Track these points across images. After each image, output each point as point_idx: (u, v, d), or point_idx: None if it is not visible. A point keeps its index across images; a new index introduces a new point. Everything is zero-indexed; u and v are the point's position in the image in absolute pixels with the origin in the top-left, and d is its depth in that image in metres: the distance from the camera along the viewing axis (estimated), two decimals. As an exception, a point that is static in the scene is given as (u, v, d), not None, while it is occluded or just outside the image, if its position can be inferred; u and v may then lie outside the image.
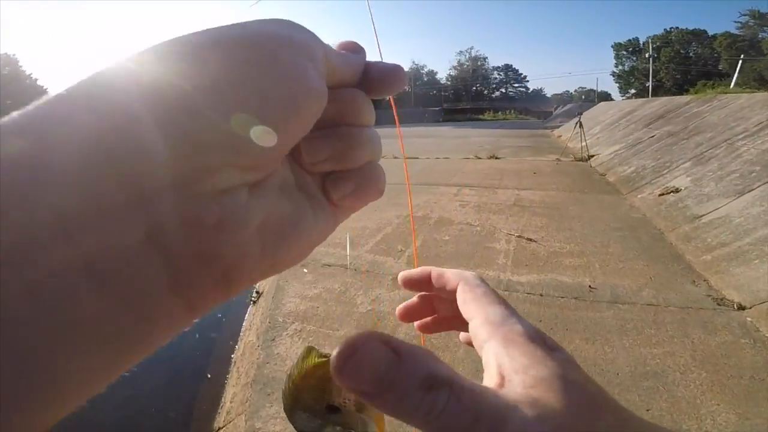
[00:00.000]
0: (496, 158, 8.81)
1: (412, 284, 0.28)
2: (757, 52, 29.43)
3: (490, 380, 0.18)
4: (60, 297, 0.10)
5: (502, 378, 0.17)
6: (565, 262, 3.18)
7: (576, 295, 2.72)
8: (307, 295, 2.96)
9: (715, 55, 38.23)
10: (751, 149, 4.17)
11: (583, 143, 8.44)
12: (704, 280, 2.78)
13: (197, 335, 3.20)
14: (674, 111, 8.02)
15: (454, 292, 0.24)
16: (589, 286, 2.81)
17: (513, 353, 0.18)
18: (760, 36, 31.21)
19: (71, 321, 0.10)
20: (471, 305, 0.22)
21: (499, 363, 0.18)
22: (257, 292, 3.35)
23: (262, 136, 0.13)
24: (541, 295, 2.75)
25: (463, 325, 0.23)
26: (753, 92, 7.00)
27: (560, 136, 14.68)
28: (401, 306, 0.29)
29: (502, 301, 0.22)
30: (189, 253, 0.12)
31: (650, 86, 31.64)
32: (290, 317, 2.67)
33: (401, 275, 0.28)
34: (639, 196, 4.88)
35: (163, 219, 0.11)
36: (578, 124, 8.36)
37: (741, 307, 2.35)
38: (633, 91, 46.28)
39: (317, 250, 0.91)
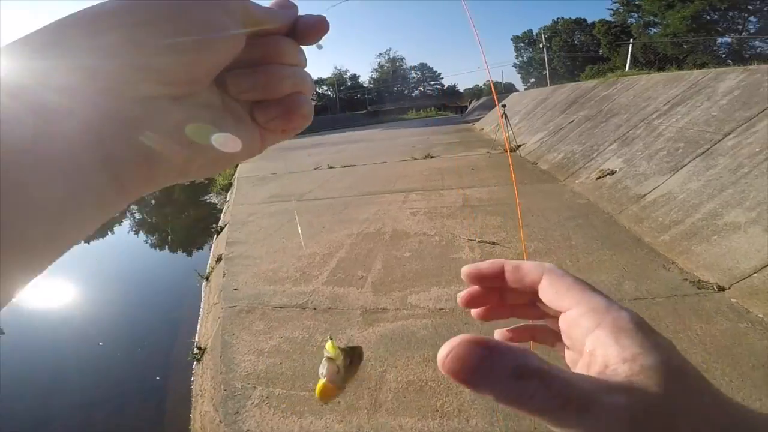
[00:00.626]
0: (432, 157, 8.76)
1: (482, 279, 0.27)
2: (629, 36, 33.29)
3: (593, 367, 0.19)
4: (11, 168, 0.13)
5: (606, 366, 0.18)
6: (535, 263, 3.03)
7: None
8: (264, 348, 2.47)
9: (595, 41, 42.60)
10: (669, 127, 4.42)
11: (509, 132, 8.71)
12: (672, 263, 2.77)
13: (143, 399, 2.81)
14: (584, 96, 8.56)
15: (533, 284, 0.24)
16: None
17: (624, 342, 0.19)
18: (629, 21, 35.05)
19: (17, 186, 0.14)
20: (567, 295, 0.22)
21: (607, 353, 0.19)
22: (199, 348, 2.81)
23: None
24: (522, 305, 2.54)
25: (531, 314, 0.26)
26: (646, 74, 7.63)
27: (482, 129, 15.23)
28: (464, 293, 0.28)
29: (597, 289, 0.22)
30: (116, 138, 0.16)
31: (547, 74, 34.27)
32: (250, 381, 2.18)
33: (467, 269, 0.27)
34: (577, 181, 4.99)
35: (93, 113, 0.15)
36: (504, 116, 8.58)
37: (721, 288, 2.33)
38: (533, 80, 50.20)
39: (264, 289, 3.11)
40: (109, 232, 9.42)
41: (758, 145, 3.10)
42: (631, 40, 10.40)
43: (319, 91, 52.85)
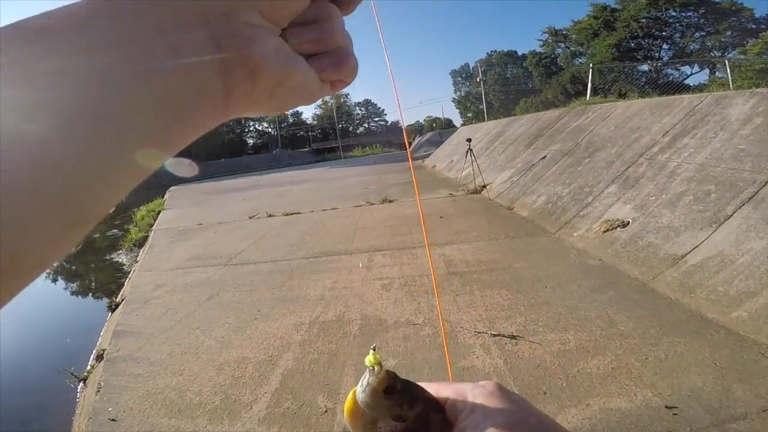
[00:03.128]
0: (390, 201, 7.94)
1: None
2: (558, 67, 34.05)
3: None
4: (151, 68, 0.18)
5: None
6: (591, 369, 2.13)
7: (663, 430, 1.67)
8: None
9: (526, 73, 44.60)
10: (683, 164, 3.92)
11: (468, 170, 8.16)
12: (777, 358, 2.02)
13: None
14: (550, 127, 8.31)
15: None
16: (666, 407, 1.80)
17: (473, 416, 0.30)
18: (557, 51, 36.22)
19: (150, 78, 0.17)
20: (443, 392, 0.35)
21: (467, 424, 0.31)
22: None
23: None
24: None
25: None
26: (615, 101, 7.40)
27: (434, 166, 14.88)
28: None
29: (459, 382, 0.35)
30: (231, 48, 0.20)
31: (484, 108, 35.08)
32: None
33: None
34: (575, 234, 4.31)
35: (216, 30, 0.19)
36: (469, 151, 8.05)
37: None
38: (470, 114, 51.40)
39: (161, 423, 2.07)
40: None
41: (829, 190, 2.53)
42: (591, 66, 10.46)
43: (259, 128, 51.32)
